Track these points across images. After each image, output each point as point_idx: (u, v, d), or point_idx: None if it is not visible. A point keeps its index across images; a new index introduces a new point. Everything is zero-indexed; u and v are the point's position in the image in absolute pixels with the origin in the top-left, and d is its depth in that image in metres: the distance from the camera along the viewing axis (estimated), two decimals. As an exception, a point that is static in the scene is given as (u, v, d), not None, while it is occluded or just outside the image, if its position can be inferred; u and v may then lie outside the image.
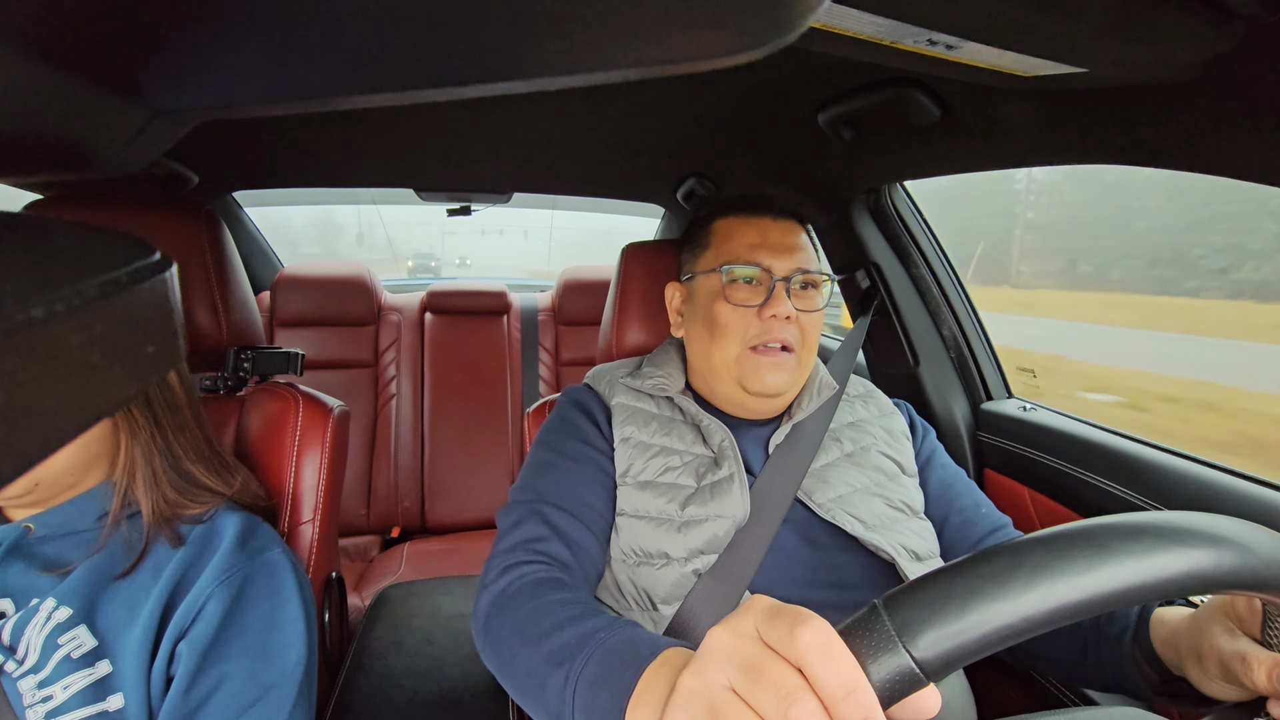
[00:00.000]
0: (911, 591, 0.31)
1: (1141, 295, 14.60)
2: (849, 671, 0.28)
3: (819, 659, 0.29)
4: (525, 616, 0.57)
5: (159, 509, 0.64)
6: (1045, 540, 0.32)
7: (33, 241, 0.15)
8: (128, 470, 0.64)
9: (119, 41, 0.18)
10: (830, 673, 0.29)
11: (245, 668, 0.60)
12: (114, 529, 0.63)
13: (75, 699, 0.55)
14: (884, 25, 0.51)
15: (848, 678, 0.28)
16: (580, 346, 2.13)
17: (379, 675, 0.96)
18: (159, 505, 0.64)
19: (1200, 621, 0.48)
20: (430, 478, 1.93)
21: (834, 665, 0.29)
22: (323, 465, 0.85)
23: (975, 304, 1.19)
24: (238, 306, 0.88)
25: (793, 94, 0.94)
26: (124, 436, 0.64)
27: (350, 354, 1.95)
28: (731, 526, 0.69)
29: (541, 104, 1.08)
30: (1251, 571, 0.33)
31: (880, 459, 0.78)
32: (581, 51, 0.17)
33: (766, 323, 0.73)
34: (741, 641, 0.32)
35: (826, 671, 0.29)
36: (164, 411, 0.66)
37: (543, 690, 0.51)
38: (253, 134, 1.21)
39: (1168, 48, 0.52)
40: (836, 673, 0.28)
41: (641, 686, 0.42)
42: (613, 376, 0.85)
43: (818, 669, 0.29)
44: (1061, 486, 0.96)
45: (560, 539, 0.68)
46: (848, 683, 0.28)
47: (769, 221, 0.78)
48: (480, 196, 1.82)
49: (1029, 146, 0.79)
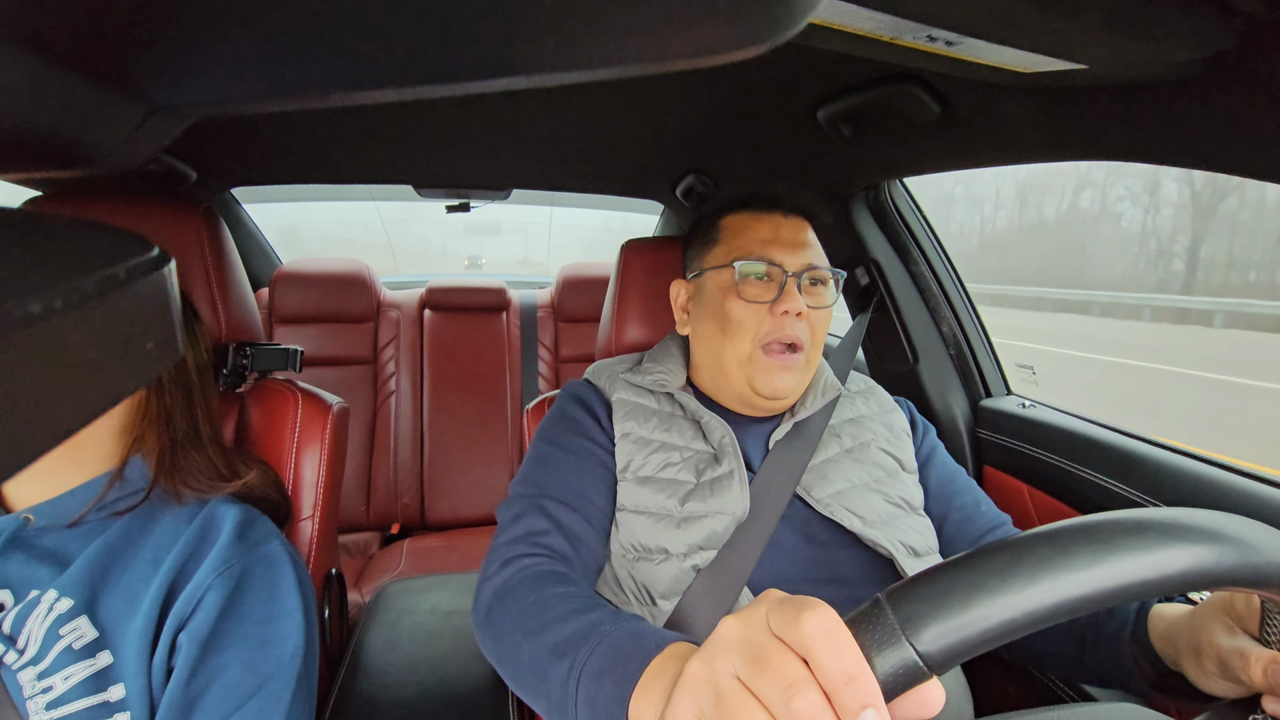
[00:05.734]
0: (915, 585, 0.31)
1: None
2: (851, 657, 0.29)
3: (822, 644, 0.29)
4: (527, 609, 0.57)
5: (165, 470, 0.66)
6: (1048, 535, 0.32)
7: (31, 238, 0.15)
8: (142, 440, 0.66)
9: (116, 36, 0.18)
10: (833, 657, 0.29)
11: (243, 658, 0.60)
12: (115, 482, 0.64)
13: (76, 690, 0.55)
14: (883, 21, 0.51)
15: (850, 664, 0.29)
16: (579, 343, 2.12)
17: (378, 671, 0.96)
18: (166, 468, 0.67)
19: (1199, 618, 0.48)
20: (430, 474, 1.93)
21: (837, 651, 0.29)
22: (322, 461, 0.85)
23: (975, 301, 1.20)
24: (236, 303, 0.88)
25: (792, 90, 0.94)
26: (144, 412, 0.66)
27: (349, 350, 1.94)
28: (731, 522, 0.69)
29: (540, 100, 1.07)
30: (1253, 568, 0.33)
31: (880, 455, 0.78)
32: (580, 47, 0.17)
33: (779, 319, 0.72)
34: (751, 631, 0.32)
35: (829, 656, 0.29)
36: (185, 392, 0.69)
37: (545, 682, 0.51)
38: (251, 130, 1.21)
39: (1167, 44, 0.52)
40: (839, 658, 0.29)
41: (646, 677, 0.42)
42: (613, 372, 0.85)
43: (821, 654, 0.29)
44: (1060, 483, 0.96)
45: (561, 532, 0.68)
46: (850, 669, 0.28)
47: (780, 218, 0.78)
48: (479, 193, 1.81)
49: (1029, 143, 0.79)
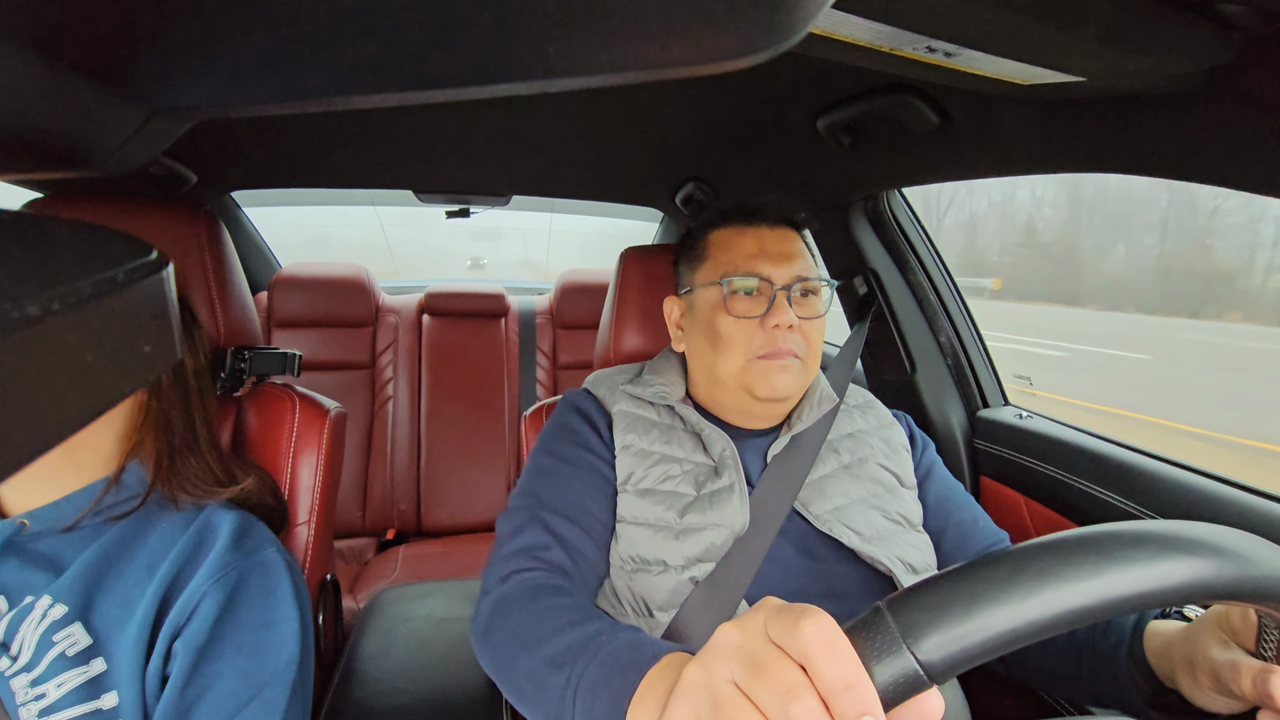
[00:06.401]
0: (915, 594, 0.31)
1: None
2: (850, 665, 0.29)
3: (821, 651, 0.29)
4: (526, 621, 0.57)
5: (163, 475, 0.66)
6: (1049, 546, 0.32)
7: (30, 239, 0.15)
8: (141, 445, 0.65)
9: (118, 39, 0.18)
10: (831, 665, 0.29)
11: (238, 666, 0.60)
12: (111, 487, 0.63)
13: (68, 697, 0.55)
14: (883, 32, 0.51)
15: (849, 671, 0.28)
16: (578, 350, 2.12)
17: (373, 678, 0.95)
18: (163, 473, 0.66)
19: (1194, 634, 0.48)
20: (426, 480, 1.92)
21: (835, 658, 0.29)
22: (319, 467, 0.84)
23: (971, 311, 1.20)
24: (235, 307, 0.87)
25: (792, 99, 0.95)
26: (144, 417, 0.66)
27: (347, 355, 1.94)
28: (730, 536, 0.69)
29: (541, 107, 1.08)
30: (1252, 582, 0.33)
31: (878, 471, 0.78)
32: (581, 54, 0.17)
33: (770, 333, 0.72)
34: (749, 638, 0.32)
35: (828, 664, 0.29)
36: (183, 397, 0.68)
37: (542, 693, 0.50)
38: (252, 134, 1.21)
39: (1165, 58, 0.52)
40: (838, 665, 0.29)
41: (643, 687, 0.42)
42: (613, 383, 0.85)
43: (819, 661, 0.29)
44: (1057, 495, 0.96)
45: (561, 546, 0.67)
46: (848, 676, 0.28)
47: (765, 230, 0.77)
48: (478, 199, 1.82)
49: (1027, 154, 0.79)
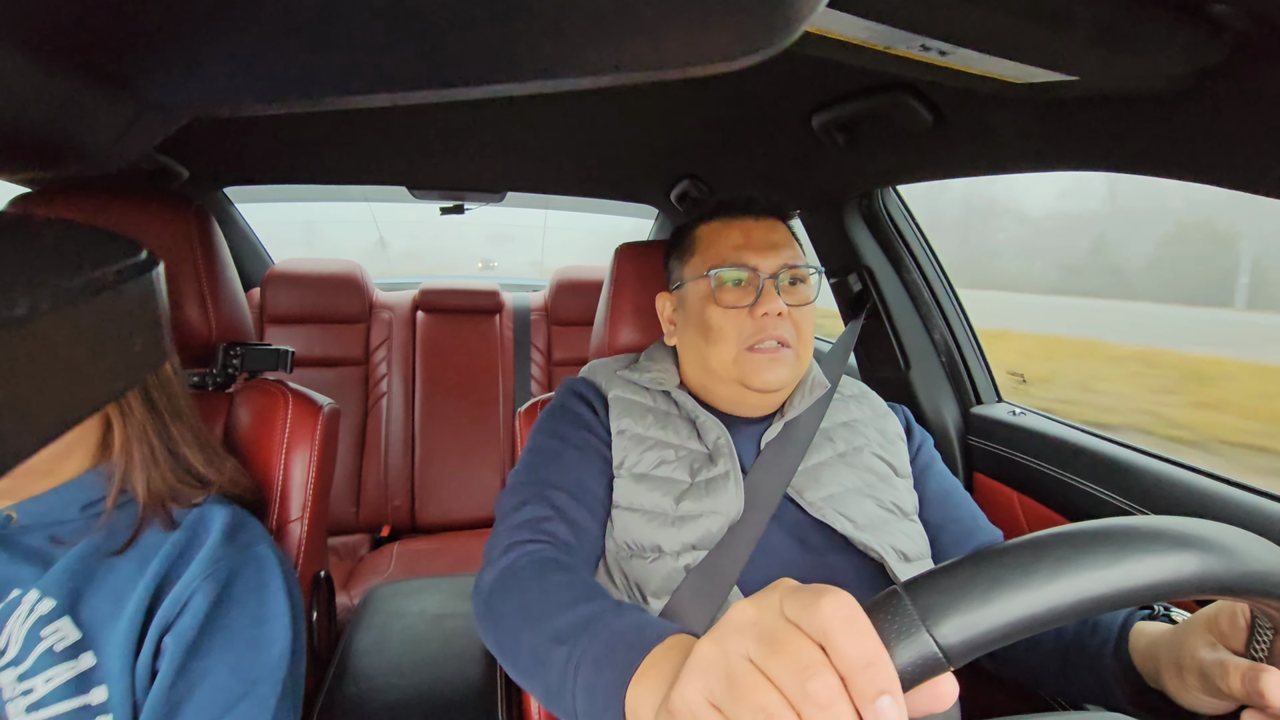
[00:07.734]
0: (933, 578, 0.32)
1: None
2: (870, 643, 0.29)
3: (842, 628, 0.29)
4: (529, 597, 0.57)
5: (155, 491, 0.64)
6: (1066, 536, 0.33)
7: (19, 239, 0.15)
8: (125, 454, 0.64)
9: (108, 35, 0.18)
10: (852, 642, 0.28)
11: (229, 662, 0.59)
12: (110, 514, 0.62)
13: (57, 692, 0.55)
14: (877, 30, 0.51)
15: (869, 649, 0.28)
16: (572, 347, 2.12)
17: (366, 674, 0.95)
18: (155, 488, 0.64)
19: (1182, 634, 0.49)
20: (420, 477, 1.92)
21: (856, 636, 0.29)
22: (312, 463, 0.84)
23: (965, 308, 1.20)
24: (227, 302, 0.87)
25: (787, 97, 0.95)
26: (118, 422, 0.64)
27: (341, 351, 1.93)
28: (725, 523, 0.69)
29: (536, 104, 1.08)
30: (1259, 579, 0.34)
31: (872, 460, 0.79)
32: (577, 54, 0.17)
33: (759, 321, 0.73)
34: (764, 615, 0.32)
35: (848, 641, 0.29)
36: (160, 397, 0.66)
37: (544, 668, 0.51)
38: (244, 129, 1.20)
39: (1157, 58, 0.52)
40: (858, 643, 0.28)
41: (645, 665, 0.42)
42: (610, 369, 0.86)
43: (839, 638, 0.29)
44: (1051, 491, 0.97)
45: (563, 520, 0.68)
46: (869, 654, 0.28)
47: (751, 222, 0.78)
48: (473, 195, 1.81)
49: (1020, 153, 0.80)
